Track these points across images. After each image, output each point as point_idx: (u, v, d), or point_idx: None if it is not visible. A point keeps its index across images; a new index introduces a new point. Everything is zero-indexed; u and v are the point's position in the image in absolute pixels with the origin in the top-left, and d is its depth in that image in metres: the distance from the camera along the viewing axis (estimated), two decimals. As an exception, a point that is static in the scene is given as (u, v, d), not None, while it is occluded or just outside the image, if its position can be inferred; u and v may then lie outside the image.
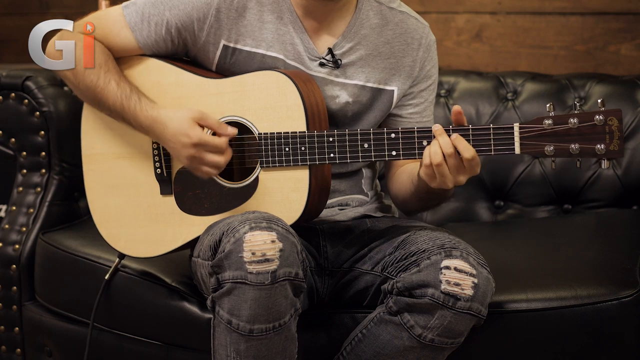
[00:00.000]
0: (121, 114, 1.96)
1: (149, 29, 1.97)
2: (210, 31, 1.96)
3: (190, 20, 1.95)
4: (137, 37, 1.98)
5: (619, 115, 1.72)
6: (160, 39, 1.97)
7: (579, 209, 2.62)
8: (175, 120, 1.90)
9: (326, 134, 1.87)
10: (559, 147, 1.75)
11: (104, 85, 1.96)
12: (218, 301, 1.78)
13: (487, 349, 1.97)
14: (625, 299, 1.94)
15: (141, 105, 1.95)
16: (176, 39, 1.98)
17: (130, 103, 1.95)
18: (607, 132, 1.72)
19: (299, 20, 1.97)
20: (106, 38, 1.99)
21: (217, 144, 1.88)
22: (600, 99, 1.73)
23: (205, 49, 1.98)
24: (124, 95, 1.95)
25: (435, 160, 1.77)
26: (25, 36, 1.99)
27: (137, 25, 1.97)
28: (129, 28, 1.97)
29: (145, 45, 1.99)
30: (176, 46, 1.99)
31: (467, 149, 1.77)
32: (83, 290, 2.25)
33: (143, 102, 1.95)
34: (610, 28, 2.94)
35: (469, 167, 1.78)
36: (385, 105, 2.03)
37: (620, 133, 1.72)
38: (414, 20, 2.04)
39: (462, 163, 1.78)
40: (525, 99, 2.68)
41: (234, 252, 1.74)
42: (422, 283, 1.79)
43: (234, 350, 1.77)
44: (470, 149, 1.77)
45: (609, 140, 1.72)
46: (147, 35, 1.97)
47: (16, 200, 2.53)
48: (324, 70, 1.99)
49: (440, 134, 1.78)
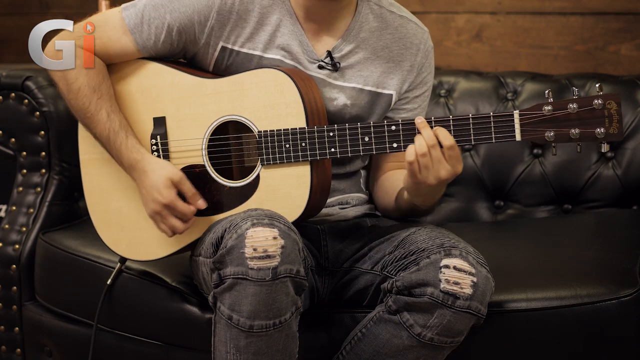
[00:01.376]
0: (106, 145, 1.98)
1: (149, 32, 1.97)
2: (210, 33, 1.96)
3: (191, 23, 1.96)
4: (136, 39, 1.97)
5: (618, 99, 1.73)
6: (160, 41, 1.97)
7: (579, 209, 2.62)
8: (155, 174, 1.92)
9: (326, 129, 1.87)
10: (559, 132, 1.76)
11: (94, 112, 1.96)
12: (219, 297, 1.78)
13: (486, 348, 1.97)
14: (624, 299, 1.94)
15: (127, 144, 1.95)
16: (176, 42, 1.97)
17: (117, 139, 1.96)
18: (606, 116, 1.73)
19: (298, 22, 1.97)
20: (105, 47, 1.99)
21: (184, 212, 1.91)
22: (599, 84, 1.74)
23: (204, 50, 1.98)
24: (112, 129, 1.96)
25: (420, 151, 1.78)
26: (25, 36, 2.00)
27: (137, 28, 1.97)
28: (129, 31, 1.97)
29: (144, 48, 1.98)
30: (175, 49, 1.99)
31: (446, 137, 1.78)
32: (83, 290, 2.25)
33: (130, 142, 1.96)
34: (610, 28, 2.94)
35: (449, 157, 1.79)
36: (384, 109, 2.04)
37: (619, 116, 1.73)
38: (413, 25, 2.05)
39: (443, 154, 1.79)
40: (525, 99, 2.68)
41: (236, 248, 1.74)
42: (422, 282, 1.79)
43: (234, 347, 1.77)
44: (449, 137, 1.79)
45: (608, 124, 1.73)
46: (147, 38, 1.97)
47: (16, 200, 2.53)
48: (323, 73, 1.99)
49: (423, 127, 1.80)
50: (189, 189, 1.93)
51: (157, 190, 1.91)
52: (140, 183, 1.95)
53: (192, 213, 1.92)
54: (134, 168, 1.95)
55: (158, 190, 1.91)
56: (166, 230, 1.94)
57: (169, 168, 1.93)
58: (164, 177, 1.92)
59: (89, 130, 2.00)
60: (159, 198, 1.91)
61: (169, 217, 1.92)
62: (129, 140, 1.96)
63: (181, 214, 1.92)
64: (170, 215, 1.92)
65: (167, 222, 1.93)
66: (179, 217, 1.92)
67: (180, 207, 1.91)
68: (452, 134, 1.80)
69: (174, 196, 1.91)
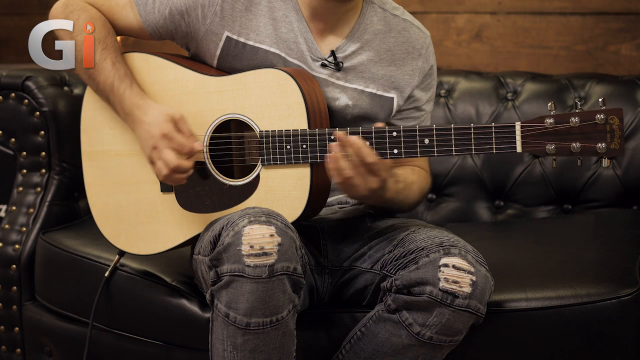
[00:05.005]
0: (108, 93, 1.98)
1: (153, 7, 1.98)
2: (214, 20, 1.96)
3: (195, 6, 1.96)
4: (140, 12, 1.99)
5: (620, 114, 1.73)
6: (163, 18, 1.98)
7: (579, 209, 2.62)
8: (157, 110, 1.92)
9: (328, 131, 1.87)
10: (560, 146, 1.75)
11: (99, 62, 1.97)
12: (216, 294, 1.78)
13: (486, 348, 1.97)
14: (624, 298, 1.94)
15: (131, 90, 1.96)
16: (178, 22, 1.98)
17: (122, 85, 1.96)
18: (608, 131, 1.73)
19: (304, 20, 1.98)
20: (111, 11, 2.01)
21: (181, 142, 1.89)
22: (601, 98, 1.74)
23: (207, 38, 1.98)
24: (117, 76, 1.97)
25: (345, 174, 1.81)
26: (25, 36, 2.00)
27: (142, 0, 1.99)
28: (134, 2, 1.99)
29: (147, 22, 2.00)
30: (177, 30, 2.00)
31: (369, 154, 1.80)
32: (83, 289, 2.25)
33: (134, 89, 1.97)
34: (610, 28, 2.94)
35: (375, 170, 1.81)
36: (386, 112, 2.04)
37: (621, 132, 1.73)
38: (416, 29, 2.06)
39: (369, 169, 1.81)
40: (525, 99, 2.68)
41: (233, 245, 1.74)
42: (421, 281, 1.80)
43: (231, 344, 1.77)
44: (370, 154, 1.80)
45: (610, 139, 1.73)
46: (151, 12, 1.98)
47: (16, 200, 2.53)
48: (326, 72, 1.99)
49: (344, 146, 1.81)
50: (187, 129, 1.92)
51: (157, 124, 1.91)
52: (141, 123, 1.94)
53: (188, 147, 1.90)
54: (135, 110, 1.94)
55: (157, 124, 1.91)
56: (161, 168, 1.90)
57: (169, 107, 1.94)
58: (164, 113, 1.91)
59: (92, 81, 2.01)
60: (157, 131, 1.90)
61: (165, 150, 1.89)
62: (134, 88, 1.97)
63: (178, 144, 1.89)
64: (166, 147, 1.89)
65: (162, 156, 1.90)
66: (173, 151, 1.90)
67: (178, 138, 1.89)
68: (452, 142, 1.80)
69: (172, 128, 1.90)
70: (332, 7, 1.96)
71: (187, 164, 1.90)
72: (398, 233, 1.95)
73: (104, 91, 1.99)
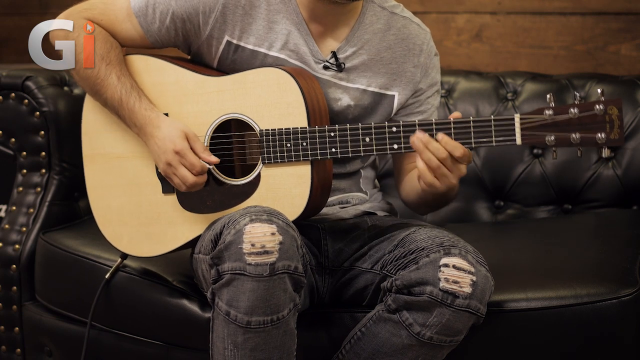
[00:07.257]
0: (117, 108, 1.98)
1: (154, 16, 1.98)
2: (215, 25, 1.97)
3: (195, 13, 1.96)
4: (141, 22, 1.99)
5: (619, 104, 1.73)
6: (164, 27, 1.98)
7: (579, 209, 2.62)
8: (171, 127, 1.93)
9: (327, 129, 1.87)
10: (559, 137, 1.75)
11: (104, 77, 1.97)
12: (217, 292, 1.78)
13: (486, 348, 1.97)
14: (624, 298, 1.94)
15: (141, 103, 1.96)
16: (180, 29, 1.98)
17: (130, 99, 1.96)
18: (607, 122, 1.73)
19: (304, 22, 1.98)
20: (111, 25, 2.01)
21: (193, 162, 1.90)
22: (600, 89, 1.74)
23: (209, 42, 1.99)
24: (124, 90, 1.97)
25: (433, 165, 1.77)
26: (25, 36, 2.00)
27: (142, 11, 1.98)
28: (133, 14, 1.99)
29: (149, 33, 1.99)
30: (179, 37, 2.00)
31: (456, 148, 1.77)
32: (83, 290, 2.25)
33: (143, 101, 1.97)
34: (610, 28, 2.94)
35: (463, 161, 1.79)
36: (386, 110, 2.04)
37: (620, 122, 1.73)
38: (415, 26, 2.06)
39: (456, 161, 1.79)
40: (525, 99, 2.68)
41: (234, 244, 1.74)
42: (421, 281, 1.80)
43: (232, 342, 1.77)
44: (459, 147, 1.77)
45: (610, 129, 1.73)
46: (152, 22, 1.98)
47: (16, 200, 2.53)
48: (328, 73, 1.99)
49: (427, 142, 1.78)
50: (200, 145, 1.92)
51: (171, 140, 1.91)
52: (154, 138, 1.94)
53: (200, 165, 1.91)
54: (147, 124, 1.95)
55: (171, 140, 1.91)
56: (179, 184, 1.93)
57: (182, 124, 1.94)
58: (177, 129, 1.92)
59: (99, 97, 2.01)
60: (171, 146, 1.91)
61: (179, 167, 1.91)
62: (143, 100, 1.97)
63: (189, 164, 1.90)
64: (180, 164, 1.91)
65: (178, 173, 1.91)
66: (188, 168, 1.91)
67: (190, 156, 1.90)
68: (452, 137, 1.80)
69: (186, 145, 1.91)
70: (332, 9, 1.96)
71: (202, 180, 1.93)
72: (398, 233, 1.96)
73: (112, 105, 1.99)
